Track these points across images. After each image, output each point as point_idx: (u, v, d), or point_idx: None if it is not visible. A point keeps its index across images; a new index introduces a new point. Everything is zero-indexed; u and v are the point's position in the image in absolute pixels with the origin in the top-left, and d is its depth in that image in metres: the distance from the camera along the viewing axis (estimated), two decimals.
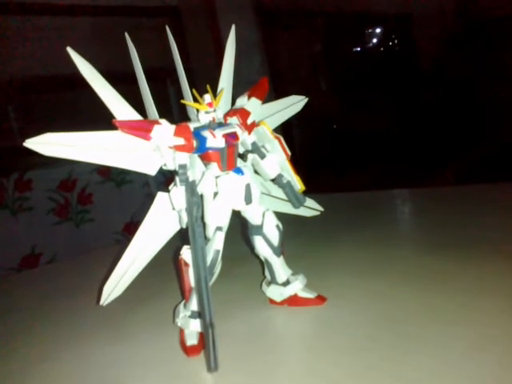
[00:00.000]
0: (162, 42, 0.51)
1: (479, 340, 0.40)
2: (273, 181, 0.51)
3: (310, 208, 0.59)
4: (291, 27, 2.40)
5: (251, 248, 0.53)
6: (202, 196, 0.46)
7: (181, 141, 0.43)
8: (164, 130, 0.43)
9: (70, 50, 0.42)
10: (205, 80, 0.48)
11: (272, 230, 0.50)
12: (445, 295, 0.49)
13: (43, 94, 1.67)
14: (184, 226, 0.44)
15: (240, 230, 0.69)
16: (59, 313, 0.62)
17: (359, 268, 0.61)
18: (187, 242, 0.43)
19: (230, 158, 0.46)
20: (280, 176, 0.50)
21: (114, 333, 0.53)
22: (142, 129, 0.42)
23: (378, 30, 2.61)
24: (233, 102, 0.53)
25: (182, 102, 0.48)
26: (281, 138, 0.51)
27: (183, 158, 0.43)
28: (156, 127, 0.42)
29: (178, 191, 0.43)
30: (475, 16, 2.30)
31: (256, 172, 0.51)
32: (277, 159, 0.50)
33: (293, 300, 0.52)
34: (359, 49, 2.65)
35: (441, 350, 0.39)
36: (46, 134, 0.39)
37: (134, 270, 0.47)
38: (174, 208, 0.44)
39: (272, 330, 0.49)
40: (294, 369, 0.41)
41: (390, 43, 2.64)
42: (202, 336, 0.43)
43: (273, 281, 0.52)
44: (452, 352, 0.39)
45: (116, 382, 0.43)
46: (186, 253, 0.45)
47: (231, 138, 0.45)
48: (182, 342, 0.47)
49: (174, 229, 0.48)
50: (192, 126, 0.45)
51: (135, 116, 0.45)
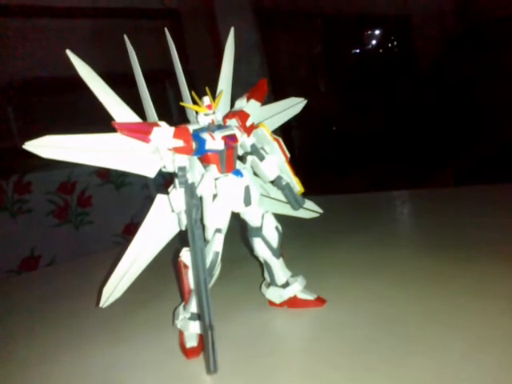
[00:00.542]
0: (162, 44, 0.51)
1: (479, 341, 0.40)
2: (272, 183, 0.51)
3: (310, 210, 0.59)
4: (290, 29, 2.41)
5: (250, 250, 0.53)
6: (201, 198, 0.46)
7: (180, 143, 0.43)
8: (163, 132, 0.43)
9: (69, 53, 0.42)
10: (204, 82, 0.48)
11: (271, 231, 0.50)
12: (444, 296, 0.49)
13: (43, 96, 1.67)
14: (183, 228, 0.44)
15: (239, 231, 0.69)
16: (59, 315, 0.62)
17: (359, 269, 0.61)
18: (186, 244, 0.43)
19: (230, 160, 0.46)
20: (279, 178, 0.50)
21: (113, 335, 0.53)
22: (141, 131, 0.42)
23: (378, 31, 2.61)
24: (232, 104, 0.53)
25: (182, 104, 0.48)
26: (280, 139, 0.51)
27: (182, 160, 0.43)
28: (155, 129, 0.42)
29: (177, 193, 0.43)
30: (475, 17, 2.31)
31: (255, 174, 0.51)
32: (276, 161, 0.50)
33: (292, 302, 0.52)
34: (358, 50, 2.66)
35: (440, 352, 0.39)
36: (45, 136, 0.39)
37: (133, 272, 0.46)
38: (173, 210, 0.44)
39: (271, 331, 0.49)
40: (294, 371, 0.41)
41: (390, 44, 2.64)
42: (202, 338, 0.43)
43: (272, 282, 0.52)
44: (451, 353, 0.39)
45: (116, 383, 0.43)
46: (185, 255, 0.46)
47: (230, 140, 0.46)
48: (182, 344, 0.47)
49: (173, 231, 0.48)
50: (191, 128, 0.45)
51: (134, 118, 0.45)
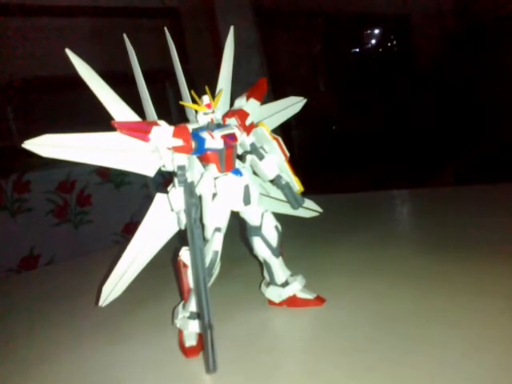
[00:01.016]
0: (161, 43, 0.51)
1: (479, 341, 0.40)
2: (271, 182, 0.51)
3: (309, 209, 0.59)
4: (290, 28, 2.40)
5: (250, 249, 0.53)
6: (200, 197, 0.46)
7: (179, 142, 0.43)
8: (163, 131, 0.43)
9: (68, 52, 0.42)
10: (203, 81, 0.48)
11: (271, 230, 0.50)
12: (444, 296, 0.49)
13: (43, 95, 1.67)
14: (183, 227, 0.44)
15: (239, 230, 0.69)
16: (58, 314, 0.62)
17: (358, 269, 0.61)
18: (186, 243, 0.43)
19: (229, 159, 0.46)
20: (279, 177, 0.50)
21: (112, 334, 0.53)
22: (141, 130, 0.42)
23: (377, 30, 2.61)
24: (231, 103, 0.53)
25: (181, 103, 0.48)
26: (279, 138, 0.51)
27: (182, 159, 0.43)
28: (155, 128, 0.42)
29: (176, 192, 0.43)
30: (474, 16, 2.31)
31: (255, 173, 0.51)
32: (275, 160, 0.50)
33: (292, 301, 0.52)
34: (358, 49, 2.66)
35: (440, 351, 0.39)
36: (44, 135, 0.39)
37: (132, 271, 0.46)
38: (172, 209, 0.44)
39: (271, 331, 0.49)
40: (294, 370, 0.41)
41: (389, 44, 2.64)
42: (201, 337, 0.43)
43: (272, 282, 0.52)
44: (451, 353, 0.39)
45: (115, 383, 0.43)
46: (184, 254, 0.46)
47: (230, 139, 0.45)
48: (181, 343, 0.47)
49: (172, 230, 0.48)
50: (191, 127, 0.45)
51: (134, 117, 0.45)
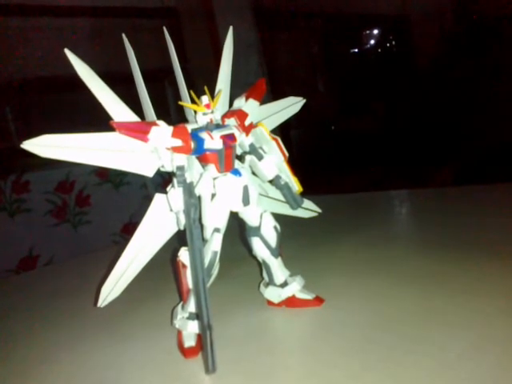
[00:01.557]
0: (160, 43, 0.51)
1: (478, 341, 0.40)
2: (270, 182, 0.51)
3: (308, 209, 0.59)
4: (289, 28, 2.41)
5: (249, 249, 0.53)
6: (199, 197, 0.46)
7: (178, 142, 0.43)
8: (162, 131, 0.43)
9: (67, 52, 0.42)
10: (202, 81, 0.48)
11: (270, 231, 0.50)
12: (443, 296, 0.49)
13: (42, 95, 1.67)
14: (182, 228, 0.44)
15: (238, 231, 0.69)
16: (58, 315, 0.62)
17: (357, 269, 0.61)
18: (185, 244, 0.43)
19: (228, 159, 0.46)
20: (278, 177, 0.50)
21: (111, 334, 0.53)
22: (140, 130, 0.42)
23: (376, 31, 2.61)
24: (230, 104, 0.53)
25: (180, 103, 0.48)
26: (278, 139, 0.51)
27: (181, 159, 0.43)
28: (154, 129, 0.42)
29: (175, 193, 0.43)
30: (474, 16, 2.31)
31: (254, 173, 0.51)
32: (274, 160, 0.50)
33: (291, 301, 0.52)
34: (357, 50, 2.66)
35: (439, 351, 0.39)
36: (43, 135, 0.39)
37: (131, 271, 0.46)
38: (171, 209, 0.44)
39: (270, 331, 0.49)
40: (293, 370, 0.41)
41: (389, 44, 2.64)
42: (200, 338, 0.43)
43: (271, 282, 0.52)
44: (451, 353, 0.39)
45: (114, 383, 0.43)
46: (183, 254, 0.46)
47: (229, 139, 0.45)
48: (180, 344, 0.46)
49: (171, 230, 0.48)
50: (190, 127, 0.45)
51: (133, 117, 0.45)
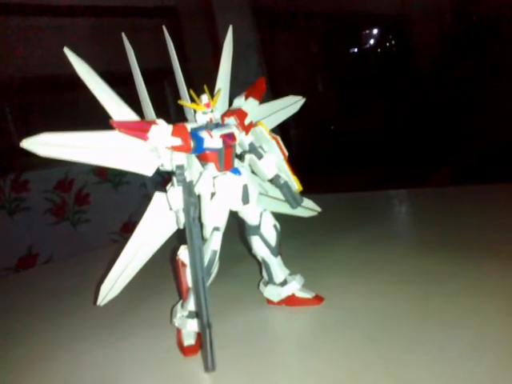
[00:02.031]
0: (160, 42, 0.51)
1: (477, 340, 0.40)
2: (270, 181, 0.51)
3: (308, 208, 0.59)
4: (288, 28, 2.40)
5: (249, 248, 0.53)
6: (199, 196, 0.46)
7: (178, 141, 0.43)
8: (161, 130, 0.43)
9: (66, 51, 0.42)
10: (202, 80, 0.48)
11: (269, 230, 0.50)
12: (443, 295, 0.49)
13: (41, 95, 1.67)
14: (181, 227, 0.44)
15: (237, 230, 0.69)
16: (57, 313, 0.62)
17: (357, 268, 0.61)
18: (184, 243, 0.43)
19: (228, 158, 0.46)
20: (277, 176, 0.50)
21: (111, 333, 0.53)
22: (140, 129, 0.42)
23: (376, 31, 2.61)
24: (230, 103, 0.53)
25: (180, 102, 0.48)
26: (278, 138, 0.51)
27: (180, 158, 0.43)
28: (153, 127, 0.42)
29: (175, 192, 0.43)
30: (474, 16, 2.31)
31: (253, 172, 0.51)
32: (274, 159, 0.50)
33: (290, 300, 0.52)
34: (356, 49, 2.66)
35: (439, 350, 0.39)
36: (42, 134, 0.39)
37: (131, 270, 0.46)
38: (171, 208, 0.44)
39: (270, 330, 0.49)
40: (292, 369, 0.41)
41: (388, 44, 2.64)
42: (200, 336, 0.43)
43: (270, 281, 0.52)
44: (450, 352, 0.39)
45: (113, 381, 0.43)
46: (183, 253, 0.46)
47: (228, 138, 0.46)
48: (180, 343, 0.47)
49: (171, 229, 0.48)
50: (189, 126, 0.45)
51: (132, 116, 0.45)
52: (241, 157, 0.51)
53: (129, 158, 0.44)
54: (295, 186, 0.51)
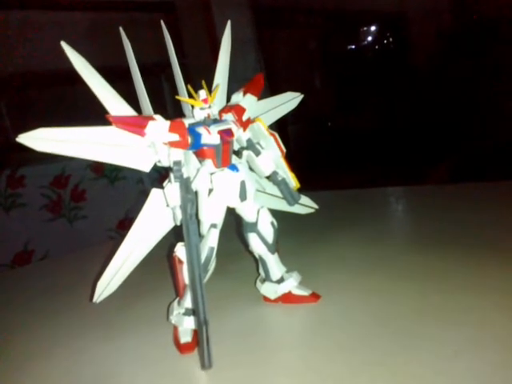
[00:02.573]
0: (158, 37, 0.51)
1: (476, 336, 0.40)
2: (268, 178, 0.51)
3: (305, 205, 0.59)
4: (287, 24, 2.40)
5: (246, 245, 0.52)
6: (196, 193, 0.46)
7: (175, 137, 0.43)
8: (159, 125, 0.42)
9: (64, 45, 0.42)
10: (200, 76, 0.47)
11: (267, 227, 0.50)
12: (441, 292, 0.49)
13: (38, 90, 1.66)
14: (178, 223, 0.44)
15: (235, 226, 0.69)
16: (53, 310, 0.62)
17: (354, 265, 0.61)
18: (181, 239, 0.43)
19: (225, 154, 0.46)
20: (275, 173, 0.50)
21: (107, 330, 0.53)
22: (137, 124, 0.42)
23: (374, 28, 2.61)
24: (228, 99, 0.52)
25: (177, 97, 0.48)
26: (276, 134, 0.51)
27: (178, 154, 0.43)
28: (151, 123, 0.42)
29: (172, 188, 0.43)
30: (472, 14, 2.31)
31: (251, 169, 0.50)
32: (272, 156, 0.49)
33: (287, 297, 0.52)
34: (354, 47, 2.66)
35: (437, 346, 0.39)
36: (38, 128, 0.38)
37: (127, 267, 0.46)
38: (168, 205, 0.44)
39: (266, 327, 0.49)
40: (289, 365, 0.41)
41: (387, 42, 2.64)
42: (196, 333, 0.43)
43: (267, 278, 0.52)
44: (449, 348, 0.39)
45: (110, 379, 0.43)
46: (180, 250, 0.45)
47: (226, 134, 0.45)
48: (176, 340, 0.46)
49: (168, 226, 0.48)
50: (187, 122, 0.45)
51: (130, 112, 0.44)
52: (238, 153, 0.50)
53: (126, 154, 0.43)
54: (293, 182, 0.50)
